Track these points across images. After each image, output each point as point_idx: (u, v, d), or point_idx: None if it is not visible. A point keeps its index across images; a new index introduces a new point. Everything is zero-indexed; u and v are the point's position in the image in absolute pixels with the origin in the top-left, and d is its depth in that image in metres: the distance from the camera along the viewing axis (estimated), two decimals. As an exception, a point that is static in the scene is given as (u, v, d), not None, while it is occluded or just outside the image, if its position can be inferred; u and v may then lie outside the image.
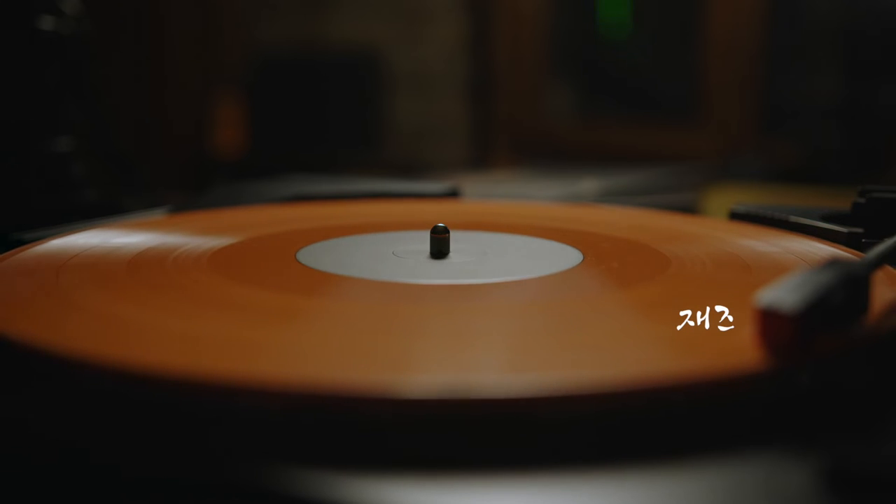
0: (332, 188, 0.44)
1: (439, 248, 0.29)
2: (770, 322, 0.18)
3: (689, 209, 0.58)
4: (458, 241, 0.31)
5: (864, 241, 0.31)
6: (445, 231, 0.29)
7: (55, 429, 0.17)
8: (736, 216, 0.37)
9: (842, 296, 0.19)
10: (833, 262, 0.20)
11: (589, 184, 0.66)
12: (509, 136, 1.85)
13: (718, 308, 0.23)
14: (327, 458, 0.16)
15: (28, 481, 0.16)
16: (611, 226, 0.35)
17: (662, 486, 0.15)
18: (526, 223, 0.35)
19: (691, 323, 0.21)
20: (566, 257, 0.29)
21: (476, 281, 0.26)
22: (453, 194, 0.45)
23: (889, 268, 0.25)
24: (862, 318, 0.20)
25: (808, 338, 0.18)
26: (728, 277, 0.27)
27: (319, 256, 0.29)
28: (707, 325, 0.21)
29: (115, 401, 0.18)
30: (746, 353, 0.18)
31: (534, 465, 0.16)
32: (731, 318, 0.21)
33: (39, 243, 0.30)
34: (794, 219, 0.34)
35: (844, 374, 0.19)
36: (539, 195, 0.58)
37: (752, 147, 1.52)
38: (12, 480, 0.16)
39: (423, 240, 0.30)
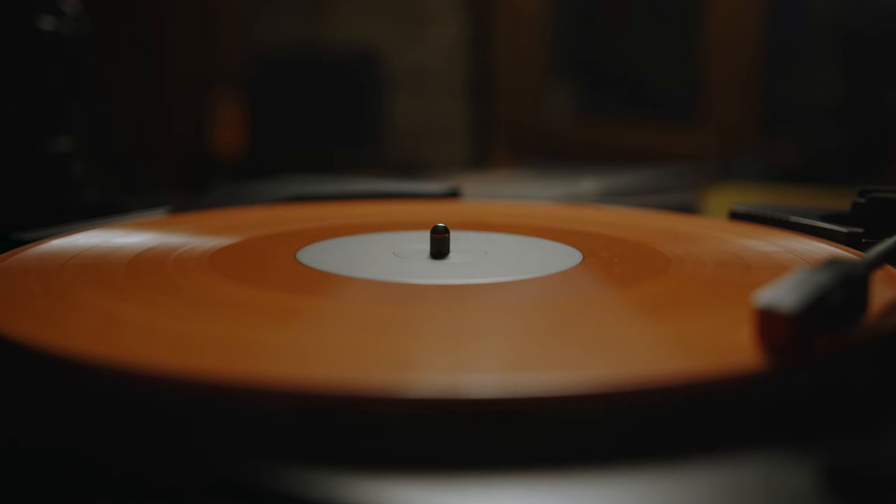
0: (332, 188, 0.44)
1: (439, 248, 0.29)
2: (769, 322, 0.18)
3: (689, 209, 0.58)
4: (458, 241, 0.31)
5: (864, 241, 0.31)
6: (445, 231, 0.29)
7: (54, 428, 0.17)
8: (736, 216, 0.37)
9: (841, 296, 0.19)
10: (832, 262, 0.20)
11: (589, 184, 0.66)
12: (509, 136, 1.85)
13: (718, 308, 0.23)
14: (327, 458, 0.16)
15: (27, 481, 0.16)
16: (611, 226, 0.35)
17: (662, 486, 0.15)
18: (526, 223, 0.35)
19: (691, 323, 0.21)
20: (566, 257, 0.29)
21: (476, 281, 0.26)
22: (453, 194, 0.45)
23: (889, 267, 0.25)
24: (861, 318, 0.20)
25: (807, 338, 0.18)
26: (728, 277, 0.27)
27: (319, 256, 0.29)
28: (707, 326, 0.21)
29: (115, 401, 0.18)
30: (746, 353, 0.18)
31: (533, 465, 0.16)
32: (730, 318, 0.21)
33: (39, 243, 0.30)
34: (794, 219, 0.34)
35: (844, 374, 0.19)
36: (539, 195, 0.58)
37: (752, 147, 1.52)
38: (11, 480, 0.16)
39: (423, 240, 0.30)
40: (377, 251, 0.30)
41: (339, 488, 0.15)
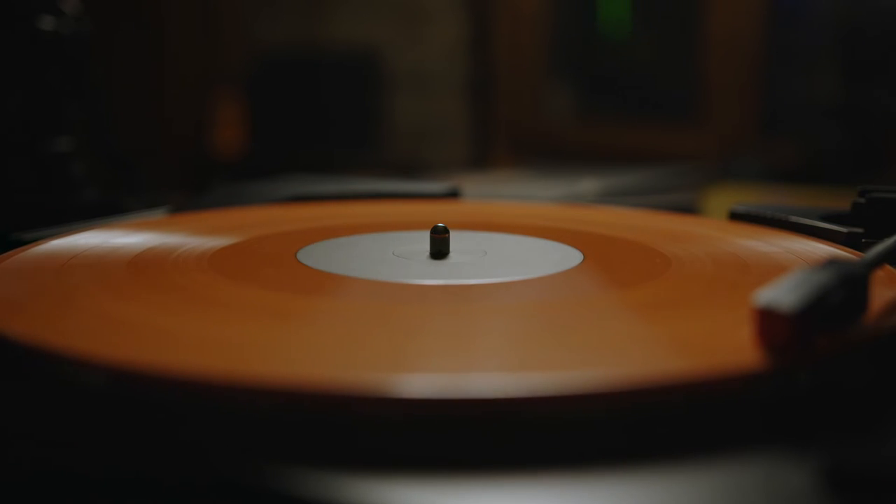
0: (332, 188, 0.44)
1: (439, 248, 0.29)
2: (768, 322, 0.18)
3: (689, 209, 0.58)
4: (458, 241, 0.31)
5: (864, 241, 0.31)
6: (445, 231, 0.29)
7: (54, 428, 0.17)
8: (736, 216, 0.37)
9: (840, 295, 0.19)
10: (831, 262, 0.20)
11: (589, 184, 0.66)
12: (509, 136, 1.85)
13: (718, 308, 0.23)
14: (326, 457, 0.16)
15: (27, 481, 0.16)
16: (611, 226, 0.35)
17: (663, 486, 0.15)
18: (526, 223, 0.35)
19: (691, 323, 0.21)
20: (566, 257, 0.29)
21: (476, 281, 0.26)
22: (453, 194, 0.45)
23: (889, 267, 0.25)
24: (861, 318, 0.20)
25: (806, 337, 0.18)
26: (728, 277, 0.27)
27: (319, 256, 0.29)
28: (707, 325, 0.21)
29: (115, 400, 0.18)
30: (746, 353, 0.18)
31: (532, 465, 0.16)
32: (730, 318, 0.21)
33: (39, 243, 0.30)
34: (794, 219, 0.34)
35: (844, 374, 0.19)
36: (539, 195, 0.58)
37: (752, 147, 1.52)
38: (12, 480, 0.16)
39: (423, 240, 0.30)
40: (377, 251, 0.30)
41: (339, 488, 0.15)
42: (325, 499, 0.15)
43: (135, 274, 0.26)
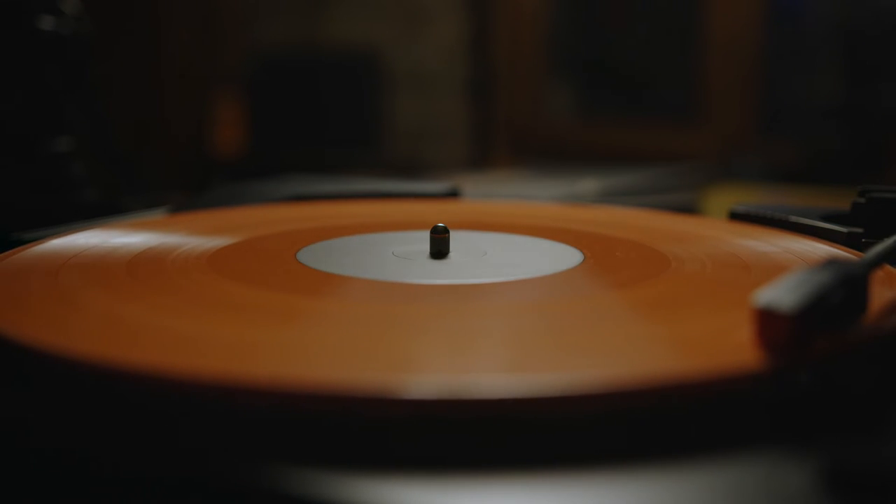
0: (332, 188, 0.44)
1: (439, 248, 0.29)
2: (768, 322, 0.18)
3: (689, 209, 0.58)
4: (458, 241, 0.31)
5: (864, 241, 0.31)
6: (445, 231, 0.29)
7: (54, 428, 0.17)
8: (736, 216, 0.37)
9: (840, 295, 0.19)
10: (831, 262, 0.20)
11: (589, 184, 0.66)
12: (509, 136, 1.85)
13: (718, 308, 0.23)
14: (326, 458, 0.16)
15: (26, 480, 0.16)
16: (611, 226, 0.35)
17: (662, 486, 0.15)
18: (526, 223, 0.35)
19: (691, 323, 0.21)
20: (566, 257, 0.29)
21: (476, 281, 0.26)
22: (453, 194, 0.45)
23: (889, 267, 0.25)
24: (861, 318, 0.20)
25: (806, 338, 0.18)
26: (728, 277, 0.27)
27: (319, 256, 0.29)
28: (707, 326, 0.21)
29: (114, 400, 0.18)
30: (746, 353, 0.18)
31: (533, 465, 0.16)
32: (730, 319, 0.21)
33: (39, 243, 0.30)
34: (794, 219, 0.34)
35: (844, 374, 0.19)
36: (539, 195, 0.58)
37: (752, 147, 1.52)
38: (11, 480, 0.16)
39: (423, 240, 0.30)
40: (377, 251, 0.30)
41: (339, 488, 0.15)
42: (325, 499, 0.15)
43: (134, 274, 0.26)
